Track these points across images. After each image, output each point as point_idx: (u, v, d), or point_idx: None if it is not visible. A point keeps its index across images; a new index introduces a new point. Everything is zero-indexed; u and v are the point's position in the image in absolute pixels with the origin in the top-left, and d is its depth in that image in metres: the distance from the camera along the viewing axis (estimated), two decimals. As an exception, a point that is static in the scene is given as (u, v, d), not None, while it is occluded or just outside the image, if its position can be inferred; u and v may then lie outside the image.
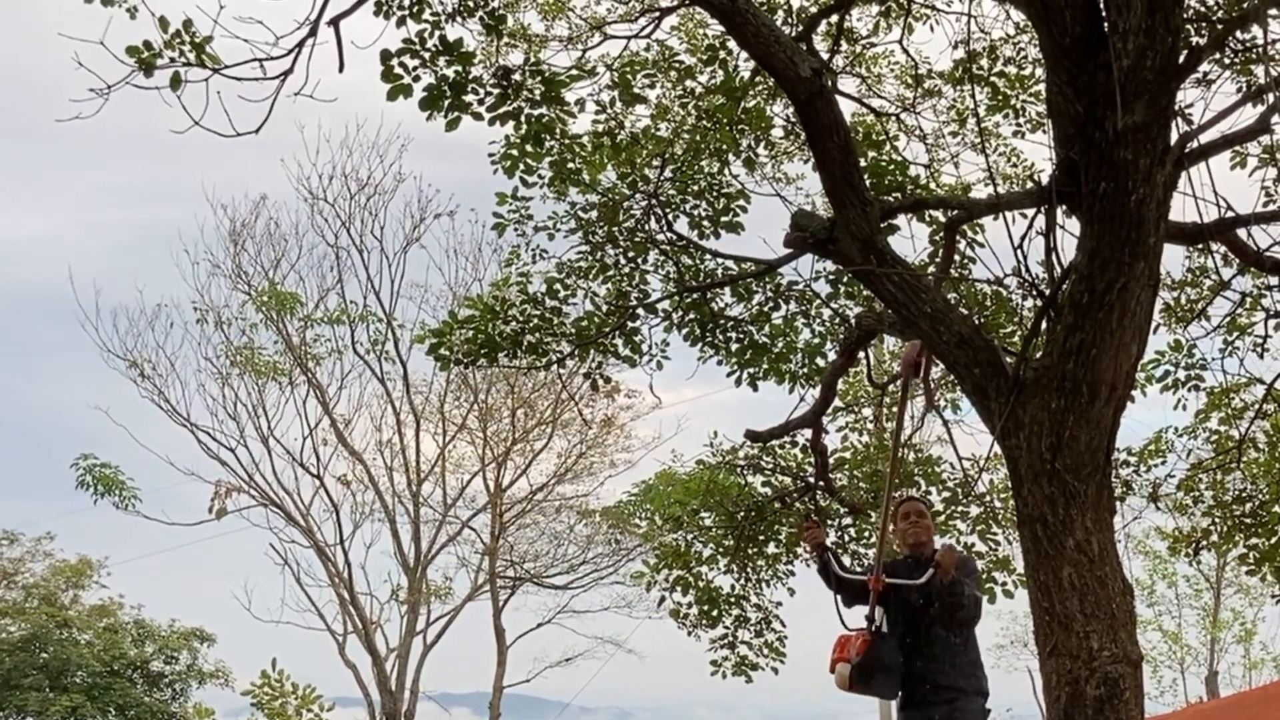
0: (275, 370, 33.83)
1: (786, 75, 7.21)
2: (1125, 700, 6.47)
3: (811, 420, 11.67)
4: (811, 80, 7.08)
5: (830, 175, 7.39)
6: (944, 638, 8.56)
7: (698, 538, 13.66)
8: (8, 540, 32.92)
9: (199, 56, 6.30)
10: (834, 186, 7.40)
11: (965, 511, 13.44)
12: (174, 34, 6.18)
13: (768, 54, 7.14)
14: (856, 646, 8.50)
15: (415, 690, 33.94)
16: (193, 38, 6.29)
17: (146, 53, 5.34)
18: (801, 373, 12.08)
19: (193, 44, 6.29)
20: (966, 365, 7.21)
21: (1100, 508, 6.76)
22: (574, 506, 36.18)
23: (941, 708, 8.52)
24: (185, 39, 6.29)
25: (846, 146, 7.36)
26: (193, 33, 6.31)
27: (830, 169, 7.36)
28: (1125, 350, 6.75)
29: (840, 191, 7.36)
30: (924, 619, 8.55)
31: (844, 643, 8.62)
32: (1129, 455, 13.56)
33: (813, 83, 7.09)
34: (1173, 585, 36.53)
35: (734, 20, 7.22)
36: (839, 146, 7.28)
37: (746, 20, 7.08)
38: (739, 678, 13.46)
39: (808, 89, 7.14)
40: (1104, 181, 6.58)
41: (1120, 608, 6.62)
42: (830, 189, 7.46)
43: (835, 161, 7.31)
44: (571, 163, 11.15)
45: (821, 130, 7.30)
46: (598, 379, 12.28)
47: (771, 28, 7.12)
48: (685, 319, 11.66)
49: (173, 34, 6.17)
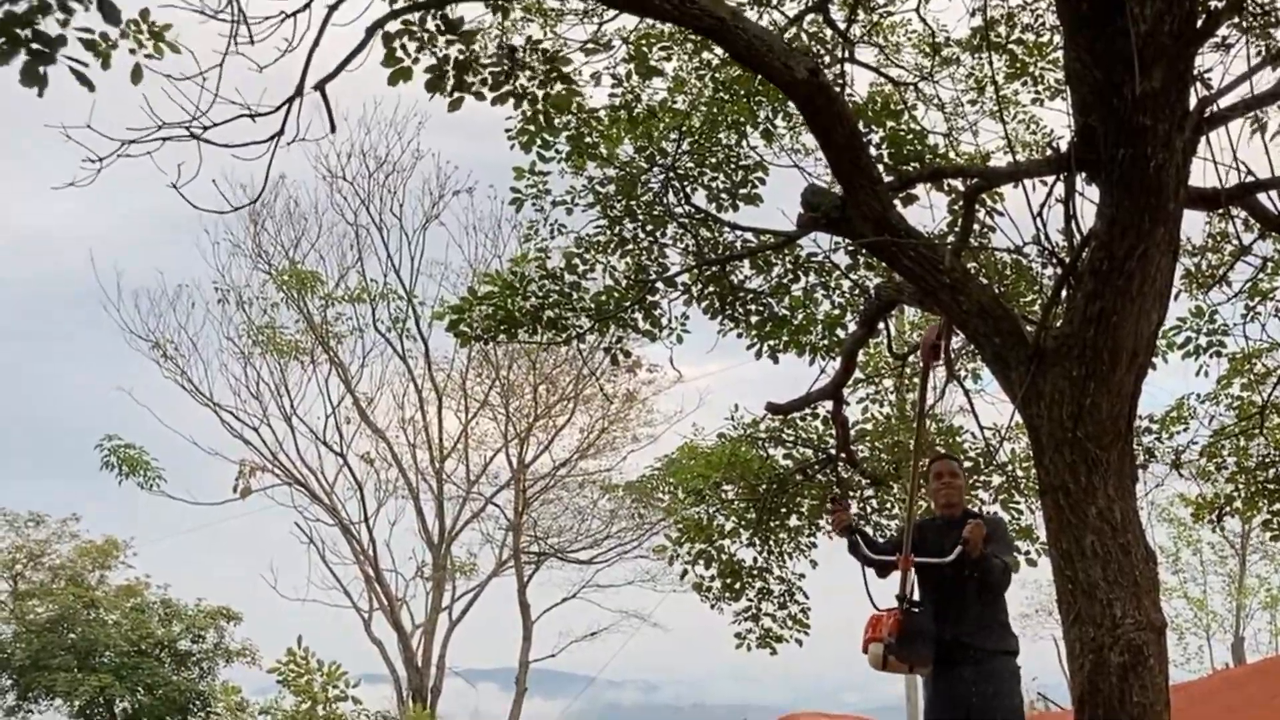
0: (297, 349, 33.94)
1: (783, 80, 7.19)
2: (1149, 667, 6.47)
3: (832, 392, 11.65)
4: (809, 81, 7.06)
5: (838, 160, 7.36)
6: (973, 602, 8.56)
7: (720, 511, 13.68)
8: (34, 522, 33.05)
9: (157, 46, 6.19)
10: (842, 170, 7.37)
11: (987, 481, 13.43)
12: (130, 22, 6.05)
13: (762, 63, 7.13)
14: (889, 626, 8.49)
15: (441, 666, 34.10)
16: (150, 27, 6.17)
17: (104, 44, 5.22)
18: (822, 345, 12.07)
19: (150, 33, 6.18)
20: (986, 335, 7.18)
21: (1122, 475, 6.75)
22: (597, 481, 36.22)
23: (972, 668, 8.53)
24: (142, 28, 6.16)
25: (852, 132, 7.33)
26: (150, 22, 6.20)
27: (837, 155, 7.34)
28: (1146, 317, 6.72)
29: (849, 174, 7.33)
30: (953, 584, 8.54)
31: (876, 622, 8.61)
32: (1151, 422, 13.54)
33: (810, 83, 7.07)
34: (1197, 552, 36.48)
35: (724, 38, 7.22)
36: (844, 134, 7.24)
37: (736, 36, 7.06)
38: (763, 650, 13.48)
39: (806, 89, 7.12)
40: (1123, 148, 6.54)
41: (1143, 575, 6.61)
42: (839, 173, 7.43)
43: (841, 148, 7.28)
44: (589, 137, 11.15)
45: (825, 122, 7.26)
46: (618, 354, 12.27)
47: (762, 37, 7.09)
48: (705, 292, 11.64)
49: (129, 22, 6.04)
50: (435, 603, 34.72)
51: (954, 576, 8.49)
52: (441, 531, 35.23)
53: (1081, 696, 6.62)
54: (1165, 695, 6.56)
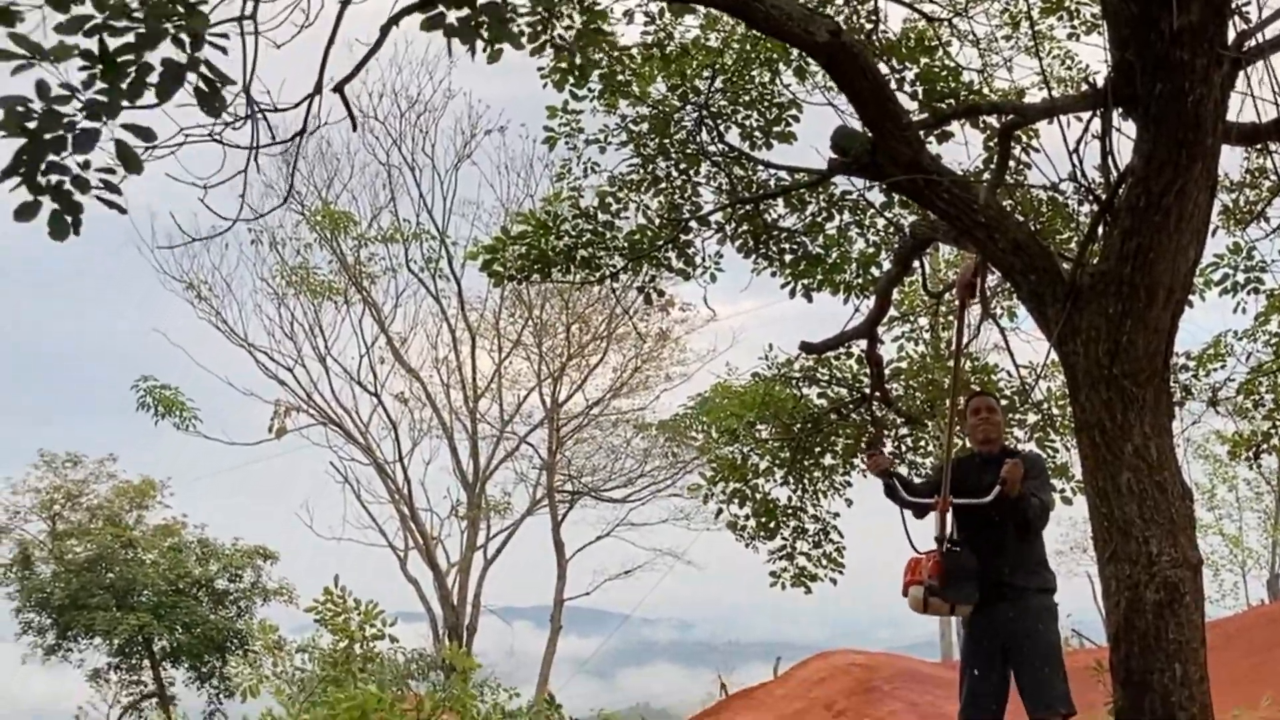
0: (330, 289, 34.02)
1: (805, 44, 7.16)
2: (1185, 604, 6.47)
3: (866, 331, 11.63)
4: (830, 43, 7.01)
5: (866, 111, 7.30)
6: (1011, 540, 8.57)
7: (754, 450, 13.68)
8: (71, 462, 33.28)
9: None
10: (871, 120, 7.31)
11: (1023, 419, 13.40)
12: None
13: (782, 31, 7.09)
14: (928, 568, 8.50)
15: (477, 604, 34.32)
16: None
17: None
18: (856, 283, 12.03)
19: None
20: (1022, 272, 7.15)
21: (1159, 412, 6.72)
22: (630, 420, 36.31)
23: (1009, 606, 8.55)
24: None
25: (877, 84, 7.26)
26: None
27: (864, 106, 7.28)
28: (1183, 253, 6.68)
29: (878, 123, 7.28)
30: (991, 523, 8.55)
31: (915, 565, 8.63)
32: (1188, 359, 13.49)
33: (831, 44, 7.02)
34: (1233, 489, 36.42)
35: (744, 13, 7.20)
36: (869, 86, 7.18)
37: (755, 9, 7.02)
38: (798, 589, 13.51)
39: (828, 50, 7.07)
40: (1160, 83, 6.48)
41: (1179, 512, 6.60)
42: (867, 122, 7.37)
43: (868, 99, 7.23)
44: (621, 75, 11.10)
45: (850, 77, 7.21)
46: (651, 292, 12.26)
47: (780, 5, 7.04)
48: (738, 231, 11.61)
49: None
50: (470, 541, 34.93)
51: (992, 515, 8.50)
52: (476, 470, 35.39)
53: (1117, 633, 6.63)
54: (1201, 632, 6.56)
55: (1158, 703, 6.41)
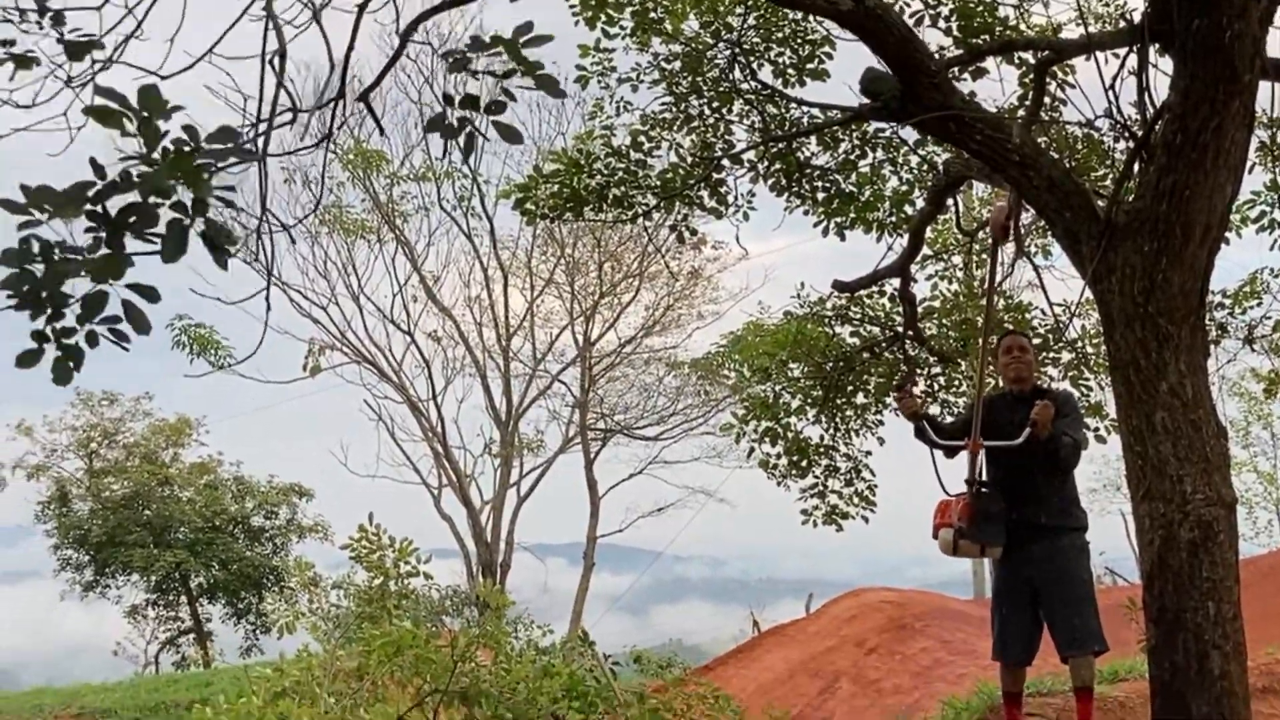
0: (363, 228, 34.06)
1: (829, 13, 7.14)
2: (1219, 543, 6.45)
3: (900, 269, 11.60)
4: (854, 11, 6.95)
5: (894, 63, 7.24)
6: (1043, 480, 8.58)
7: (786, 389, 13.68)
8: (107, 401, 33.57)
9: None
10: (900, 72, 7.25)
11: (1057, 357, 13.36)
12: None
13: (806, 6, 7.05)
14: (958, 510, 8.52)
15: (510, 541, 34.53)
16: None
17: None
18: (889, 221, 11.99)
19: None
20: (1057, 210, 7.10)
21: (1194, 351, 6.69)
22: (662, 358, 36.36)
23: (1041, 545, 8.56)
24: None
25: (904, 38, 7.19)
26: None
27: (892, 59, 7.22)
28: (1219, 191, 6.62)
29: (907, 73, 7.21)
30: (1022, 463, 8.55)
31: (945, 508, 8.64)
32: (1223, 297, 13.41)
33: (855, 13, 6.97)
34: (1268, 426, 36.19)
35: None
36: (896, 40, 7.12)
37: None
38: (829, 526, 13.54)
39: (854, 18, 7.03)
40: (1197, 17, 6.41)
41: (1214, 450, 6.57)
42: (897, 71, 7.31)
43: (897, 54, 7.16)
44: (653, 12, 11.04)
45: (876, 35, 7.15)
46: (684, 231, 12.24)
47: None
48: (771, 169, 11.57)
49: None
50: (503, 479, 35.12)
51: (1023, 455, 8.50)
52: (509, 409, 35.53)
53: (1150, 572, 6.62)
54: (1235, 570, 6.55)
55: (1191, 640, 6.41)
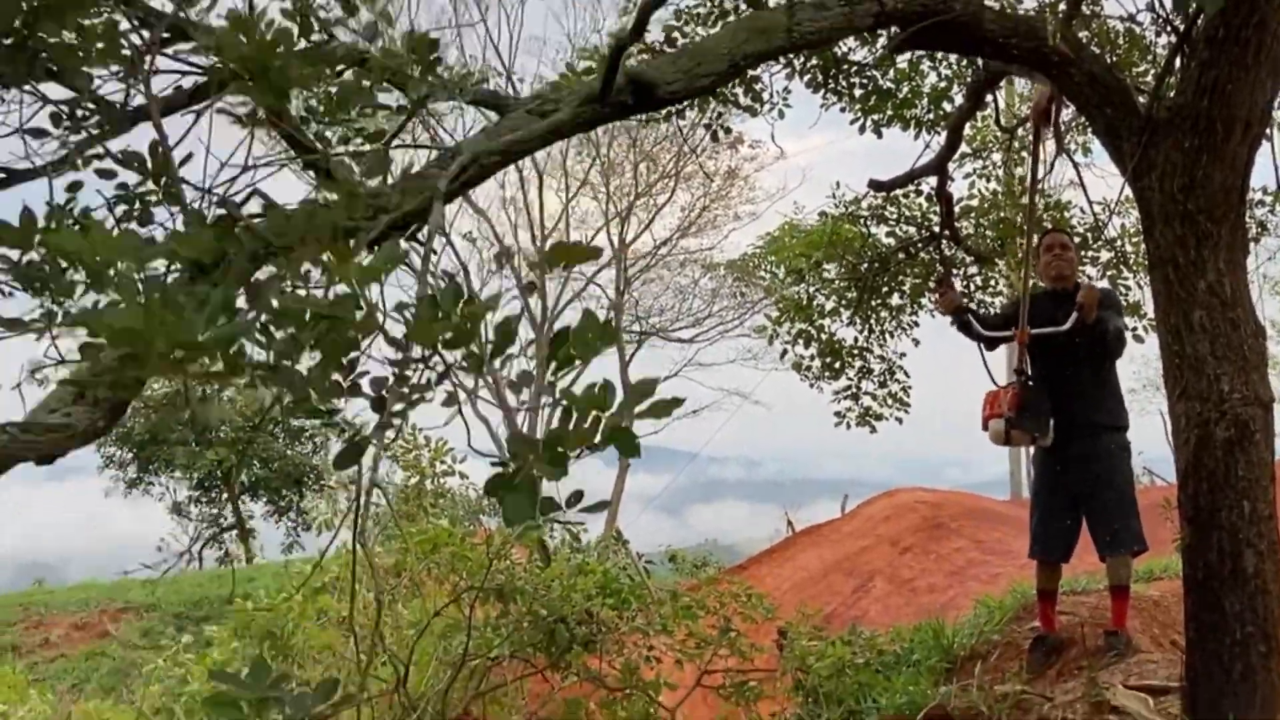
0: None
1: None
2: (1255, 442, 6.42)
3: (937, 167, 11.49)
4: None
5: None
6: (1086, 375, 8.55)
7: (820, 290, 13.62)
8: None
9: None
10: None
11: (1096, 256, 13.26)
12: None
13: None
14: (1008, 400, 8.50)
15: (546, 442, 34.66)
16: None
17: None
18: (927, 118, 11.84)
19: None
20: (1098, 105, 7.00)
21: (1233, 249, 6.62)
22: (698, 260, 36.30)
23: (1082, 443, 8.55)
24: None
25: None
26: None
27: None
28: (1261, 86, 6.51)
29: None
30: (1066, 358, 8.52)
31: (993, 399, 8.63)
32: (1264, 195, 13.23)
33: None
34: (1307, 326, 35.96)
35: None
36: None
37: None
38: (863, 428, 13.53)
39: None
40: (1244, -92, 6.28)
41: (1252, 350, 6.52)
42: None
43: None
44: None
45: None
46: (719, 130, 12.13)
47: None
48: (807, 65, 11.43)
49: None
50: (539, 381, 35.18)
51: (1067, 347, 8.48)
52: (544, 310, 35.57)
53: (1186, 470, 6.59)
54: (1270, 470, 6.52)
55: (1225, 539, 6.39)
